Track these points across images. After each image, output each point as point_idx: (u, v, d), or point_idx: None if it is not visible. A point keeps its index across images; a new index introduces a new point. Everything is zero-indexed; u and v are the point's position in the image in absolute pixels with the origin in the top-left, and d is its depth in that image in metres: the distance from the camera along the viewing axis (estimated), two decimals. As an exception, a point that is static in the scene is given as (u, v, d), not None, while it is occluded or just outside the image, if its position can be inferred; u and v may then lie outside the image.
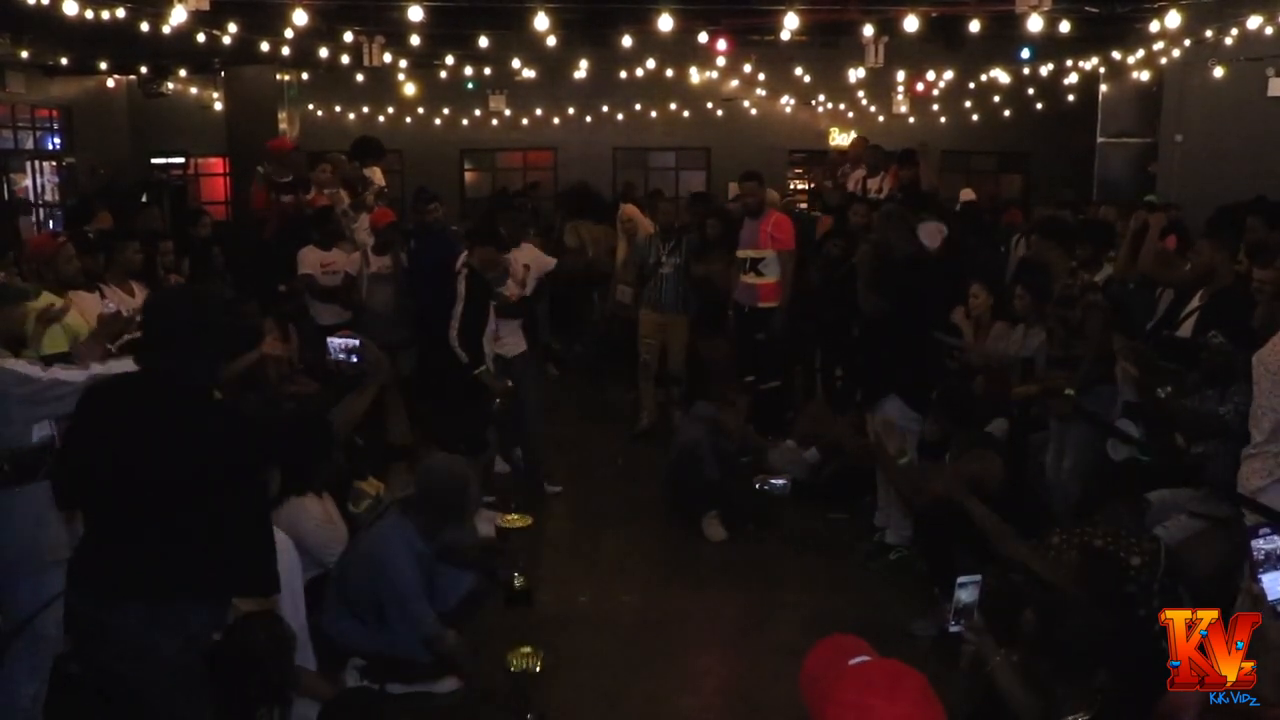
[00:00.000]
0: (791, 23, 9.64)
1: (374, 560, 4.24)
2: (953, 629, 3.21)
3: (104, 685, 3.10)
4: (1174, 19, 9.69)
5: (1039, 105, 17.17)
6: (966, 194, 11.67)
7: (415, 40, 11.48)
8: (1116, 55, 13.27)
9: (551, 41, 11.23)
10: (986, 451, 4.92)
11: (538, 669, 4.16)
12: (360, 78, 16.27)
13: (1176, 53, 12.27)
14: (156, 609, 2.95)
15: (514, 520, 5.89)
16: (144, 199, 12.06)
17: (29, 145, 16.05)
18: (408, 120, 18.33)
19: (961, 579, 3.19)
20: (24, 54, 13.27)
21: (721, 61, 15.51)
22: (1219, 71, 12.21)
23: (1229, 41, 11.21)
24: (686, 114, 18.56)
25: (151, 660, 2.94)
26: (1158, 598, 3.76)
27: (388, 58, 12.49)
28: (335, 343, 3.30)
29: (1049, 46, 13.18)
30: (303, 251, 7.43)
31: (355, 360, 3.24)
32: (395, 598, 4.19)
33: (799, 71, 16.56)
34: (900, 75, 16.08)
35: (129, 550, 2.98)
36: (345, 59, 13.03)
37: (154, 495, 2.94)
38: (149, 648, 2.94)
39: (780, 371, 7.90)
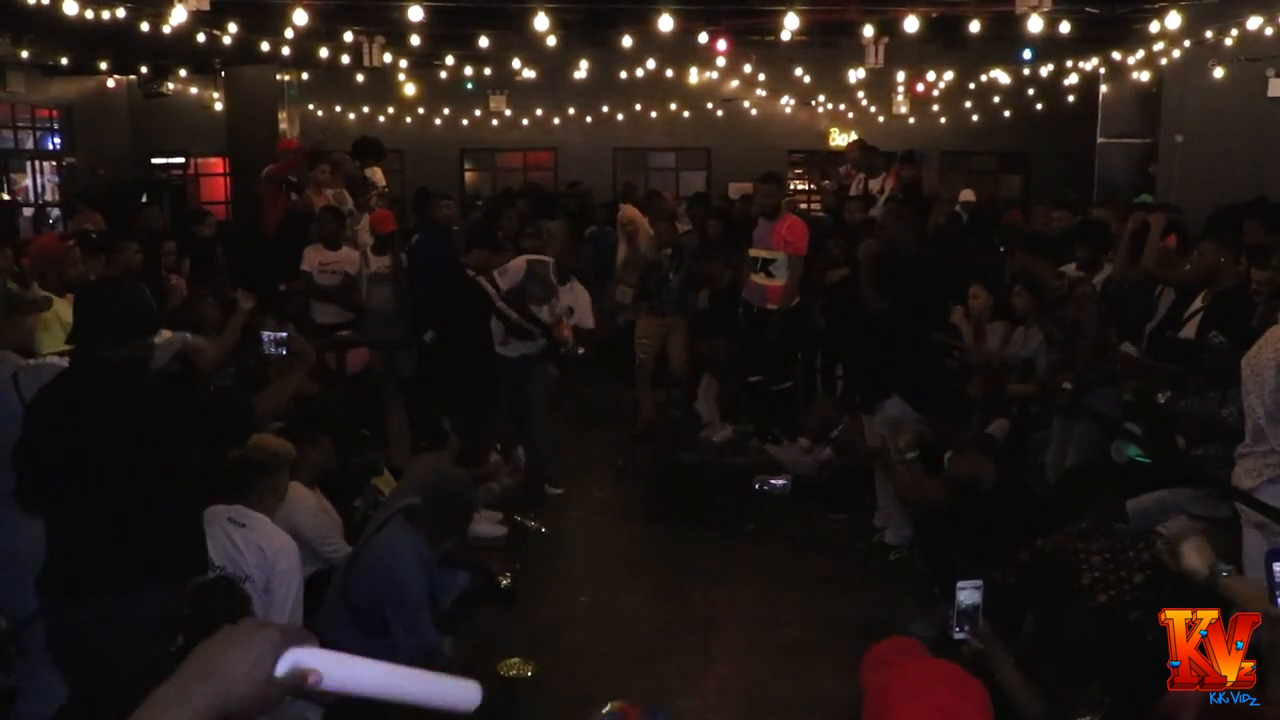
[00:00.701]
0: (791, 23, 9.64)
1: (384, 570, 4.23)
2: (957, 636, 3.07)
3: (73, 686, 3.14)
4: (1174, 19, 9.70)
5: (1039, 106, 17.16)
6: (966, 194, 11.69)
7: (415, 40, 11.48)
8: (1116, 56, 13.28)
9: (551, 41, 11.24)
10: (979, 454, 4.91)
11: (529, 674, 4.19)
12: (360, 78, 16.26)
13: (1176, 53, 12.27)
14: (109, 604, 3.01)
15: (531, 523, 5.91)
16: (144, 199, 12.08)
17: (29, 145, 16.06)
18: (408, 120, 18.32)
19: (961, 583, 3.07)
20: (24, 54, 13.28)
21: (721, 62, 15.50)
22: (1219, 72, 12.20)
23: (1229, 42, 11.20)
24: (686, 114, 18.55)
25: (109, 658, 2.99)
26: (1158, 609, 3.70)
27: (388, 58, 12.49)
28: (267, 336, 3.46)
29: (1049, 47, 13.19)
30: (307, 250, 7.45)
31: (285, 352, 3.39)
32: (403, 608, 4.18)
33: (799, 72, 16.55)
34: (900, 76, 16.08)
35: (78, 548, 3.07)
36: (345, 59, 13.03)
37: (88, 478, 3.02)
38: (105, 645, 2.99)
39: (789, 372, 7.85)
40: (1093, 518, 3.99)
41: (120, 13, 9.32)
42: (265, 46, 12.02)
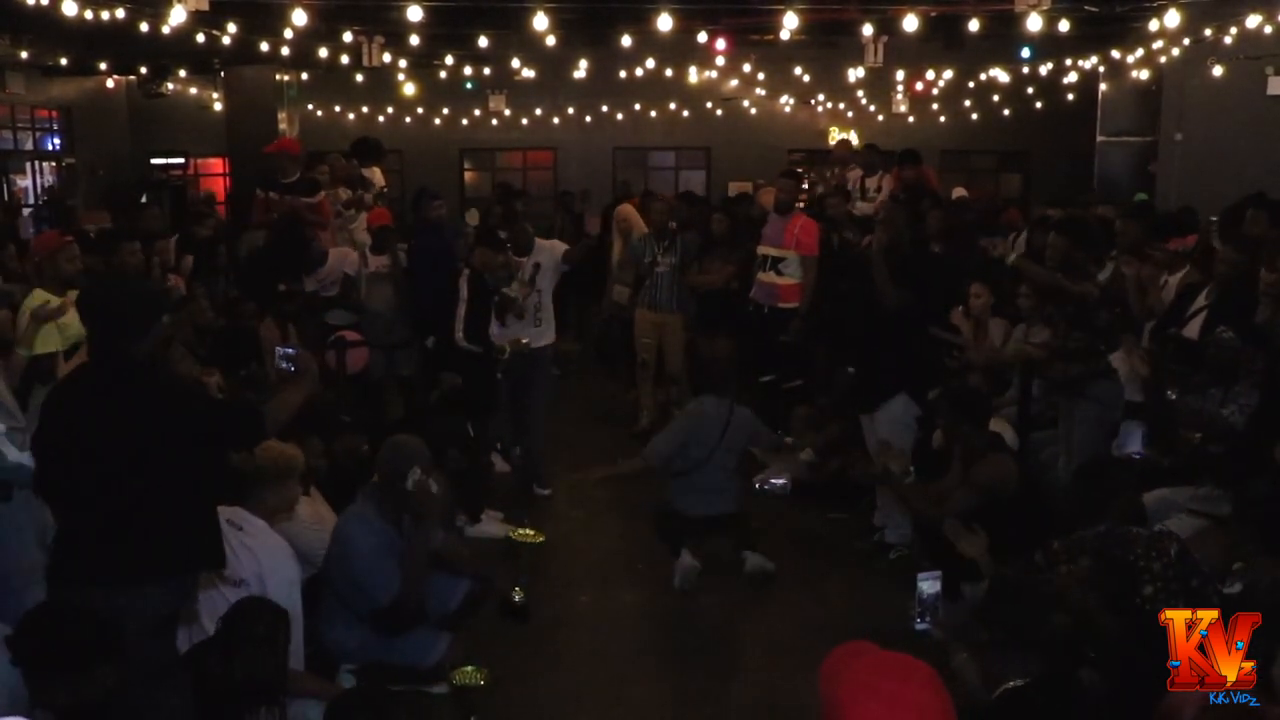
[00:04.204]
0: (791, 22, 9.63)
1: (344, 556, 4.28)
2: (919, 627, 3.18)
3: None
4: (1173, 18, 9.67)
5: (1039, 104, 17.16)
6: (959, 192, 11.73)
7: (415, 40, 11.47)
8: (1116, 54, 13.27)
9: (551, 41, 11.23)
10: (1001, 456, 4.86)
11: (480, 682, 4.20)
12: (360, 78, 16.26)
13: (1176, 51, 12.27)
14: (113, 596, 3.04)
15: (526, 535, 5.90)
16: (144, 199, 12.08)
17: (29, 146, 16.06)
18: (408, 120, 18.33)
19: (922, 575, 3.19)
20: (24, 54, 13.27)
21: (721, 61, 15.50)
22: (1218, 70, 12.20)
23: (1228, 40, 11.20)
24: (686, 114, 18.56)
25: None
26: (1180, 596, 3.67)
27: (387, 58, 12.48)
28: (279, 351, 3.74)
29: (1048, 45, 13.17)
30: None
31: (293, 368, 3.62)
32: (356, 585, 4.21)
33: (799, 71, 16.56)
34: (900, 75, 16.07)
35: (89, 538, 3.12)
36: (345, 59, 13.02)
37: (105, 470, 3.07)
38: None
39: (801, 371, 7.73)
40: (1112, 519, 3.95)
41: (120, 13, 9.31)
42: (264, 47, 12.02)
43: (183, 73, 15.80)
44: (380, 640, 4.27)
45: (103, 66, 15.01)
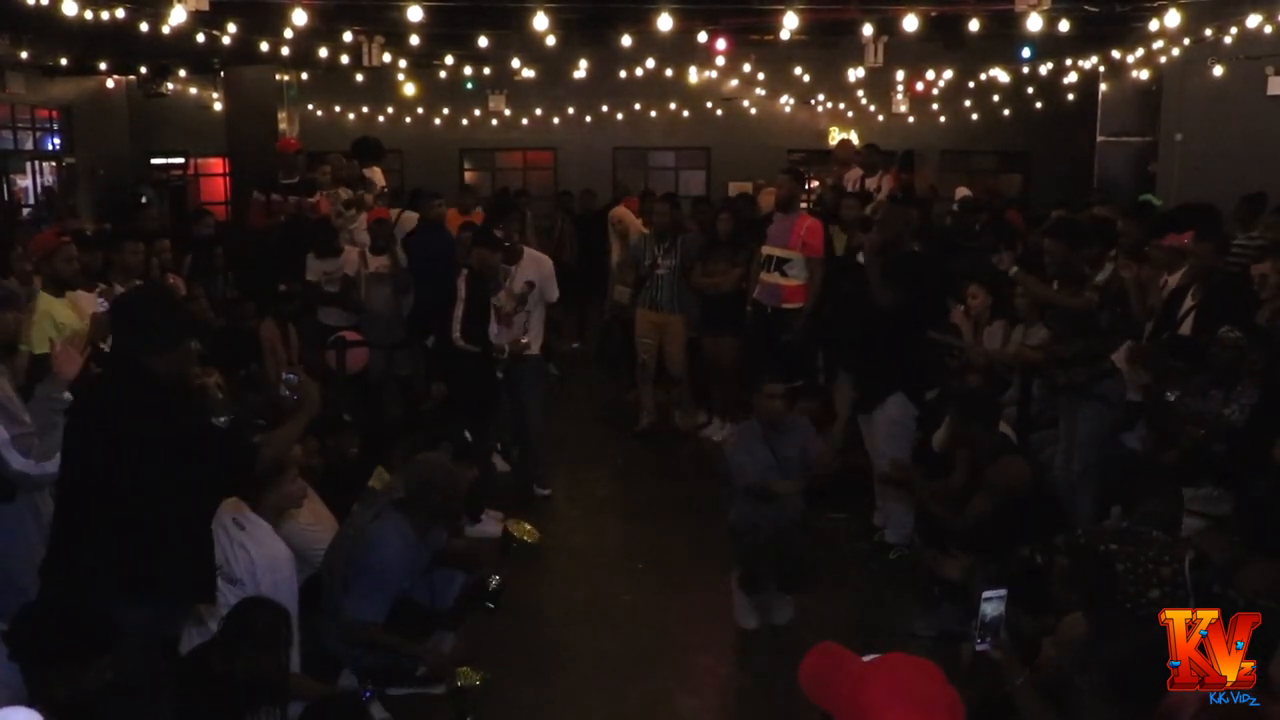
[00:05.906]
0: (791, 22, 9.62)
1: (364, 542, 4.27)
2: (979, 648, 3.04)
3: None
4: (1173, 18, 9.66)
5: (1038, 104, 17.15)
6: (962, 191, 11.72)
7: (415, 40, 11.46)
8: (1116, 54, 13.26)
9: (551, 41, 11.22)
10: (1015, 458, 4.86)
11: (477, 683, 4.23)
12: (360, 78, 16.25)
13: (1176, 52, 12.26)
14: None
15: (524, 530, 5.88)
16: (144, 200, 12.09)
17: (29, 146, 16.05)
18: (408, 120, 18.32)
19: (987, 593, 3.04)
20: (24, 54, 13.26)
21: (721, 61, 15.50)
22: (1218, 70, 12.21)
23: (1228, 40, 11.20)
24: (686, 114, 18.54)
25: None
26: (1189, 603, 3.60)
27: (387, 58, 12.48)
28: (285, 377, 3.85)
29: (1048, 45, 13.16)
30: (309, 259, 7.46)
31: (295, 396, 3.62)
32: (363, 575, 4.21)
33: (799, 71, 16.55)
34: (900, 75, 16.06)
35: (79, 549, 3.14)
36: (345, 59, 13.02)
37: (104, 483, 3.09)
38: None
39: (804, 372, 7.71)
40: (1136, 517, 3.91)
41: (120, 13, 9.29)
42: (265, 46, 12.00)
43: (183, 73, 15.77)
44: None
45: (103, 66, 14.98)
